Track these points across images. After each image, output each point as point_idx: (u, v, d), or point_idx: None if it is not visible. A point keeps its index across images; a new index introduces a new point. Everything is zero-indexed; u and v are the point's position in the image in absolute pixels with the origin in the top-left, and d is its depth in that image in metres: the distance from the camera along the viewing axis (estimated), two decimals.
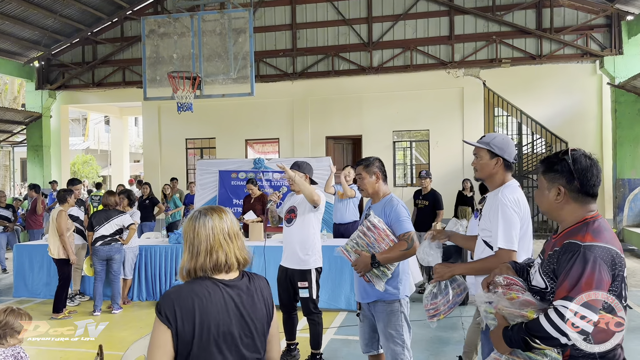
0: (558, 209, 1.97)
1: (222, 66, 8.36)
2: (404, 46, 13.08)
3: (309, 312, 4.45)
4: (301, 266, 4.38)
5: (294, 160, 4.68)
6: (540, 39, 12.33)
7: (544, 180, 2.00)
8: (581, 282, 1.73)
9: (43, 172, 15.23)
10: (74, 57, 15.19)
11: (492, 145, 2.74)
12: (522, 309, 1.85)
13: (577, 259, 1.77)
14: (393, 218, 3.21)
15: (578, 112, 12.71)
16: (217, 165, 9.51)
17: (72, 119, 31.21)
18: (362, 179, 3.37)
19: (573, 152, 1.93)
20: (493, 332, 1.95)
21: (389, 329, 3.22)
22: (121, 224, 6.50)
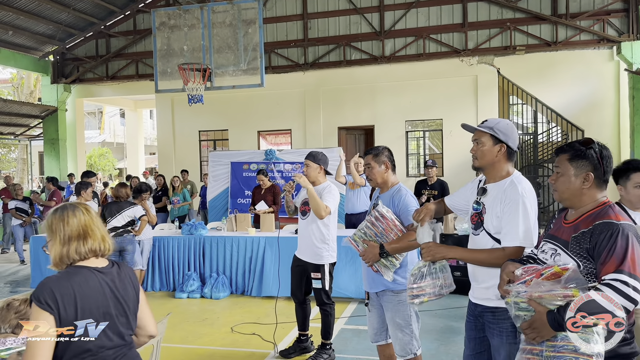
0: (581, 194, 2.07)
1: (232, 57, 8.37)
2: (416, 34, 12.96)
3: (321, 303, 4.45)
4: (315, 260, 4.37)
5: (309, 151, 4.63)
6: (556, 25, 12.11)
7: (571, 167, 2.09)
8: (629, 256, 1.83)
9: (60, 166, 15.45)
10: (88, 51, 15.33)
11: (496, 130, 2.52)
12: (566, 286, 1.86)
13: (618, 236, 1.88)
14: (402, 208, 3.19)
15: (594, 99, 12.48)
16: (229, 156, 9.55)
17: (88, 112, 31.56)
18: (371, 169, 3.35)
19: (598, 142, 2.08)
20: (534, 319, 1.93)
21: (397, 318, 3.23)
22: (133, 215, 6.57)
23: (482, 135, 2.55)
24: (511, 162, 2.56)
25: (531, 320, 1.95)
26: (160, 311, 6.20)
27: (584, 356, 1.82)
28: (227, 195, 9.40)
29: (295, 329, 5.25)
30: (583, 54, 12.37)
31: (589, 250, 1.94)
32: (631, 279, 1.80)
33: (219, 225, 7.87)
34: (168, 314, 3.47)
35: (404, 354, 3.25)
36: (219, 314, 6.05)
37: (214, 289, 6.77)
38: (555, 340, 1.90)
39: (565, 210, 2.19)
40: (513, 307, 2.00)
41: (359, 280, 6.45)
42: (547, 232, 2.24)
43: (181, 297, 6.79)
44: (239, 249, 6.93)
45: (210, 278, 6.90)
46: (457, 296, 6.35)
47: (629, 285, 1.79)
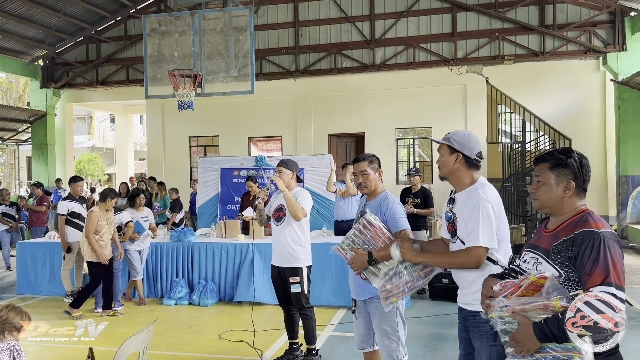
0: (562, 202, 2.10)
1: (223, 64, 8.39)
2: (406, 43, 13.07)
3: (301, 307, 4.46)
4: (292, 264, 4.40)
5: (282, 158, 4.70)
6: (543, 35, 12.28)
7: (552, 175, 2.11)
8: (612, 266, 1.86)
9: (48, 171, 15.35)
10: (78, 56, 15.27)
11: (451, 141, 2.65)
12: (547, 298, 1.87)
13: (601, 246, 1.90)
14: (389, 216, 3.21)
15: (581, 109, 12.66)
16: (219, 163, 9.55)
17: (78, 117, 31.37)
18: (367, 175, 3.35)
19: (577, 151, 2.11)
20: (519, 332, 1.94)
21: (384, 325, 3.24)
22: (119, 221, 6.54)
23: (442, 147, 2.69)
24: (473, 170, 2.64)
25: (515, 334, 1.96)
26: (147, 318, 6.17)
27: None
28: (217, 202, 9.39)
29: (283, 336, 5.26)
30: (570, 64, 12.55)
31: (570, 258, 1.96)
32: (618, 290, 1.83)
33: (208, 232, 7.86)
34: (154, 321, 3.46)
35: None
36: (207, 321, 6.03)
37: (202, 296, 6.74)
38: (543, 352, 1.90)
39: (546, 220, 2.23)
40: (498, 322, 2.02)
41: (346, 288, 6.46)
42: (528, 242, 2.27)
43: (169, 304, 6.75)
44: (227, 255, 6.92)
45: (198, 285, 6.88)
46: (446, 303, 6.42)
47: (617, 297, 1.81)
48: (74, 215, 7.03)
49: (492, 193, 2.56)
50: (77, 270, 7.18)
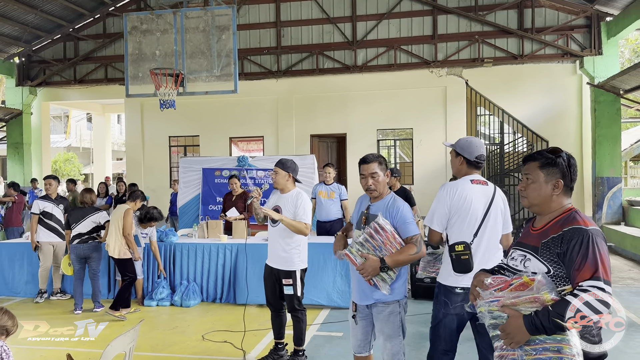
0: (550, 201, 2.16)
1: (206, 63, 8.33)
2: (387, 45, 13.15)
3: (293, 309, 4.42)
4: (286, 267, 4.34)
5: (279, 158, 4.63)
6: (522, 38, 12.49)
7: (542, 174, 2.17)
8: (601, 262, 1.93)
9: (24, 170, 15.03)
10: (55, 54, 14.99)
11: (456, 146, 3.30)
12: (538, 291, 1.94)
13: (590, 242, 1.97)
14: (399, 220, 3.13)
15: (559, 111, 12.90)
16: (201, 162, 9.48)
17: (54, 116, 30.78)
18: (377, 178, 3.22)
19: (565, 151, 2.19)
20: (509, 324, 1.99)
21: (386, 329, 3.20)
22: (97, 221, 6.45)
23: (452, 150, 3.36)
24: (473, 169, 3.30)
25: (504, 326, 2.01)
26: (130, 319, 6.08)
27: (568, 355, 1.89)
28: (199, 202, 9.32)
29: (267, 336, 5.25)
30: (548, 67, 12.78)
31: (559, 255, 2.02)
32: (605, 285, 1.90)
33: (190, 232, 7.79)
34: (140, 321, 3.42)
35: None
36: (190, 322, 5.98)
37: (185, 297, 6.68)
38: (532, 344, 1.95)
39: (533, 219, 2.28)
40: (487, 316, 2.06)
41: (330, 288, 6.48)
42: (515, 240, 2.33)
43: (150, 305, 6.67)
44: (210, 256, 6.87)
45: (180, 286, 6.81)
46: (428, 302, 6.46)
47: (605, 291, 1.88)
48: (46, 216, 6.94)
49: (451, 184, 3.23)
50: (55, 271, 7.06)
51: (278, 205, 4.36)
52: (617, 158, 11.87)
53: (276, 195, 4.48)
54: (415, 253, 3.06)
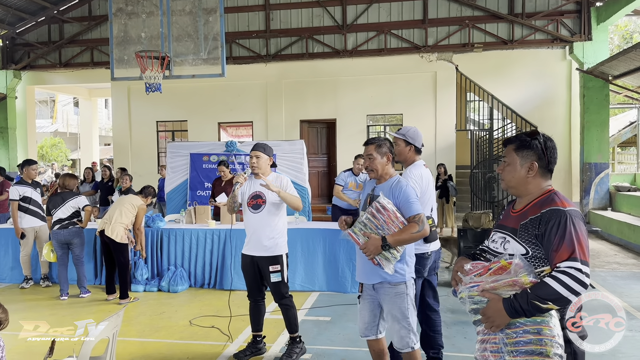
0: (527, 183, 2.18)
1: (192, 46, 8.20)
2: (378, 29, 13.04)
3: (281, 297, 4.27)
4: (272, 252, 4.20)
5: (256, 142, 4.47)
6: (512, 23, 12.43)
7: (517, 156, 2.19)
8: (578, 243, 1.94)
9: (9, 155, 14.81)
10: (39, 36, 14.69)
11: (407, 136, 3.66)
12: (515, 275, 1.95)
13: (567, 223, 1.97)
14: (402, 200, 3.13)
15: (548, 97, 12.93)
16: (189, 148, 9.37)
17: (40, 100, 30.35)
18: (372, 159, 3.30)
19: (543, 134, 2.19)
20: (489, 308, 2.01)
21: (394, 311, 3.16)
22: (76, 205, 6.36)
23: (398, 139, 3.68)
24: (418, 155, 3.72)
25: (485, 310, 2.02)
26: (116, 305, 6.04)
27: (548, 337, 1.90)
28: (186, 188, 9.23)
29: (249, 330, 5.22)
30: (537, 52, 12.77)
31: (537, 236, 2.03)
32: (583, 265, 1.91)
33: (177, 218, 7.73)
34: (124, 307, 3.38)
35: (401, 347, 3.18)
36: (177, 308, 5.95)
37: (172, 283, 6.64)
38: (513, 327, 1.96)
39: (513, 202, 2.30)
40: (467, 302, 2.08)
41: (319, 272, 6.47)
42: (497, 223, 2.34)
43: (137, 290, 6.63)
44: (198, 241, 6.82)
45: (168, 271, 6.77)
46: None
47: (582, 272, 1.90)
48: (26, 200, 6.83)
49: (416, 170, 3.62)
50: (41, 256, 6.98)
51: (260, 191, 4.18)
52: (604, 144, 11.93)
53: (253, 182, 4.28)
54: (417, 232, 3.04)
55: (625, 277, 7.29)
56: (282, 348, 4.58)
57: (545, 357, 1.90)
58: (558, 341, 1.91)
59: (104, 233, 6.01)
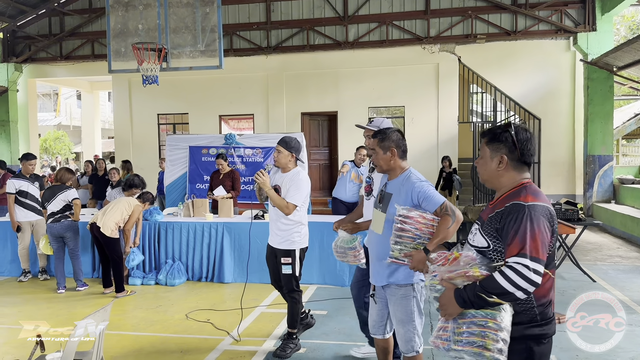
0: (499, 176, 2.15)
1: (190, 38, 8.12)
2: (379, 20, 12.91)
3: (290, 290, 4.29)
4: (285, 246, 4.24)
5: (274, 136, 4.52)
6: (516, 14, 12.28)
7: (488, 149, 2.18)
8: (532, 238, 1.90)
9: (11, 148, 14.82)
10: (40, 29, 14.64)
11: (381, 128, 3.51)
12: (466, 267, 2.00)
13: (524, 218, 1.94)
14: (420, 196, 2.95)
15: (551, 88, 12.78)
16: (188, 140, 9.33)
17: (43, 93, 30.38)
18: (375, 154, 3.16)
19: (515, 125, 2.13)
20: (443, 296, 2.06)
21: (399, 313, 3.09)
22: (66, 199, 6.33)
23: (371, 132, 3.59)
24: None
25: (440, 298, 2.08)
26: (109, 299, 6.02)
27: (492, 330, 1.91)
28: (185, 181, 9.20)
29: (250, 316, 5.21)
30: (541, 44, 12.62)
31: (498, 230, 2.02)
32: (532, 262, 1.87)
33: (175, 211, 7.70)
34: (112, 301, 3.35)
35: (405, 351, 3.10)
36: (174, 301, 5.92)
37: (170, 276, 6.62)
38: (465, 317, 1.99)
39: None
40: (430, 290, 2.15)
41: (316, 266, 6.43)
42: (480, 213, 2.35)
43: (135, 283, 6.62)
44: (195, 235, 6.79)
45: (165, 265, 6.75)
46: None
47: (530, 268, 1.87)
48: (23, 194, 6.83)
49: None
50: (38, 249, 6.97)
51: (278, 185, 4.26)
52: (609, 136, 11.80)
53: (277, 175, 4.35)
54: (452, 223, 2.88)
55: (627, 270, 7.21)
56: (275, 343, 4.54)
57: (484, 349, 1.90)
58: (501, 336, 1.90)
59: (96, 225, 5.99)
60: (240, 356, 4.27)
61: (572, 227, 5.08)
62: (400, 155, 3.10)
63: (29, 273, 7.00)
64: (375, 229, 3.12)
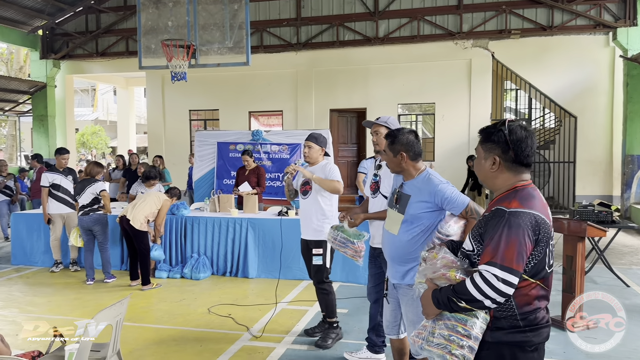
0: (493, 177, 2.05)
1: (218, 35, 8.18)
2: (410, 16, 12.74)
3: (320, 281, 4.42)
4: (317, 237, 4.35)
5: (311, 132, 4.58)
6: (552, 9, 11.92)
7: (482, 150, 2.07)
8: (504, 247, 1.82)
9: (48, 142, 15.29)
10: (77, 26, 15.05)
11: (388, 123, 3.66)
12: (444, 268, 1.97)
13: (501, 225, 1.86)
14: (444, 199, 2.85)
15: (589, 85, 12.36)
16: (216, 136, 9.42)
17: (82, 89, 31.25)
18: (387, 157, 3.10)
19: (510, 123, 2.00)
20: (423, 295, 2.06)
21: (412, 314, 3.01)
22: (94, 192, 6.48)
23: (380, 127, 3.69)
24: None
25: (421, 297, 2.08)
26: (136, 292, 6.14)
27: (459, 335, 1.89)
28: (213, 176, 9.30)
29: (270, 311, 5.22)
30: (578, 39, 12.21)
31: (481, 234, 1.96)
32: (502, 271, 1.80)
33: (202, 206, 7.79)
34: (129, 295, 3.40)
35: (416, 353, 2.97)
36: (198, 295, 5.99)
37: (195, 270, 6.70)
38: (442, 319, 1.97)
39: None
40: (418, 287, 2.14)
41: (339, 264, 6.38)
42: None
43: (161, 276, 6.73)
44: (220, 230, 6.85)
45: (191, 259, 6.84)
46: None
47: (499, 278, 1.80)
48: (56, 187, 7.02)
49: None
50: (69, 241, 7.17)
51: (307, 179, 4.37)
52: None
53: (307, 169, 4.45)
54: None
55: None
56: (294, 339, 4.55)
57: (448, 353, 1.88)
58: (467, 342, 1.86)
59: (125, 218, 6.12)
60: (258, 352, 4.28)
61: (603, 230, 4.89)
62: (411, 157, 2.99)
63: (60, 264, 7.20)
64: (390, 229, 3.06)
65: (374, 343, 4.08)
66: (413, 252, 2.91)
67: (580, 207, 6.57)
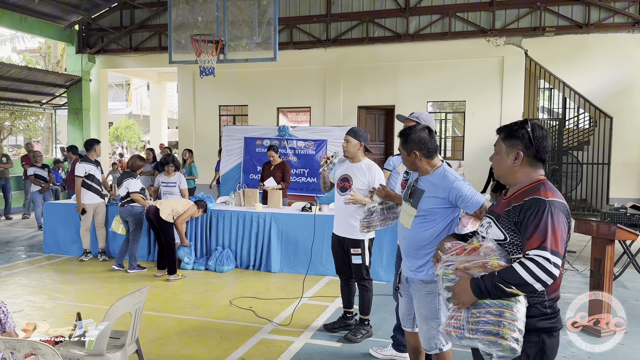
0: (514, 172, 2.18)
1: (247, 30, 8.25)
2: (442, 12, 12.57)
3: (360, 278, 4.44)
4: (354, 235, 4.32)
5: (351, 127, 4.58)
6: (588, 6, 11.58)
7: (504, 145, 2.21)
8: (552, 233, 1.95)
9: (83, 135, 15.67)
10: (112, 22, 15.38)
11: (420, 119, 3.65)
12: (485, 257, 2.03)
13: (545, 212, 1.99)
14: (458, 196, 2.85)
15: (625, 85, 11.97)
16: (243, 131, 9.51)
17: (116, 84, 31.94)
18: (402, 155, 3.07)
19: (531, 122, 2.17)
20: (457, 285, 2.09)
21: (423, 309, 3.00)
22: (126, 188, 6.64)
23: (411, 122, 3.64)
24: None
25: (454, 287, 2.11)
26: (161, 282, 6.25)
27: (508, 320, 1.94)
28: (240, 170, 9.39)
29: (291, 305, 5.24)
30: (616, 37, 11.82)
31: (517, 223, 2.06)
32: (553, 255, 1.92)
33: (227, 200, 7.87)
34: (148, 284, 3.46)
35: (428, 348, 3.02)
36: (220, 287, 6.06)
37: (219, 262, 6.78)
38: (479, 307, 2.02)
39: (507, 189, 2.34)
40: (442, 279, 2.17)
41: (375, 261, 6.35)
42: (489, 208, 2.41)
43: (185, 268, 6.84)
44: (244, 224, 6.91)
45: (215, 251, 6.92)
46: None
47: (551, 261, 1.91)
48: (90, 178, 7.17)
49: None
50: (99, 231, 7.34)
51: (348, 175, 4.35)
52: None
53: (345, 165, 4.42)
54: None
55: None
56: (313, 334, 4.56)
57: (501, 338, 1.93)
58: (517, 326, 1.94)
59: (153, 208, 6.29)
60: (277, 345, 4.30)
61: (634, 233, 4.74)
62: (425, 155, 2.95)
63: (89, 253, 7.39)
64: (404, 222, 3.03)
65: (399, 342, 4.05)
66: (426, 247, 2.92)
67: (611, 210, 6.39)
